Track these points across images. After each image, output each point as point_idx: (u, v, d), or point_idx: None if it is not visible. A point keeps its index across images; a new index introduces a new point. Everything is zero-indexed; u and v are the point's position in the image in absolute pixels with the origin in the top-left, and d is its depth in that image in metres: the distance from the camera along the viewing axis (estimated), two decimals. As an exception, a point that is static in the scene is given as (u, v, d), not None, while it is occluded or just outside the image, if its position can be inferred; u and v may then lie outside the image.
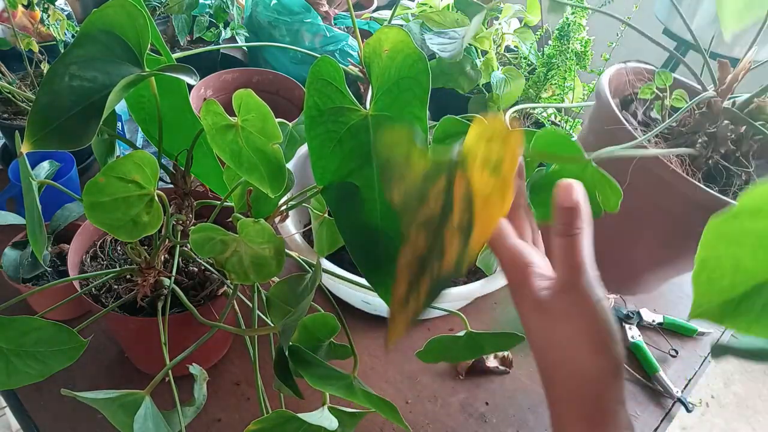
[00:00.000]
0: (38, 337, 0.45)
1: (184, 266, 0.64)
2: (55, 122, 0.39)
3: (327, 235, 0.66)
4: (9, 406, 0.68)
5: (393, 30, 0.42)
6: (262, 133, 0.45)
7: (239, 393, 0.71)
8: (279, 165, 0.46)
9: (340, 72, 0.45)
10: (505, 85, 0.95)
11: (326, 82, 0.44)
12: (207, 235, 0.47)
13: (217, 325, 0.53)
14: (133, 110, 0.55)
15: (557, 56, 0.95)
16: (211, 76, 0.99)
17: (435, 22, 0.92)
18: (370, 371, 0.76)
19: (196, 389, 0.54)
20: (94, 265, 0.66)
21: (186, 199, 0.56)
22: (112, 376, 0.71)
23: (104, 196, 0.43)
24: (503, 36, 1.06)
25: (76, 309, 0.75)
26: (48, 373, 0.45)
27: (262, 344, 0.58)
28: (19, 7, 0.96)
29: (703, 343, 0.88)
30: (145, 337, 0.62)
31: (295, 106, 1.01)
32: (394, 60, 0.43)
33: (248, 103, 0.44)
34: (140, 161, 0.43)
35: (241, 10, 1.19)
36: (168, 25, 1.14)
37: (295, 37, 1.13)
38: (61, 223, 0.73)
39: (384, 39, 0.43)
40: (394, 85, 0.44)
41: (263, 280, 0.49)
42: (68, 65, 0.40)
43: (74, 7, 1.17)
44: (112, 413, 0.44)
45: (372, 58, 0.44)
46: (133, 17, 0.42)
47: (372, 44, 0.43)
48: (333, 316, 0.53)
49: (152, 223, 0.46)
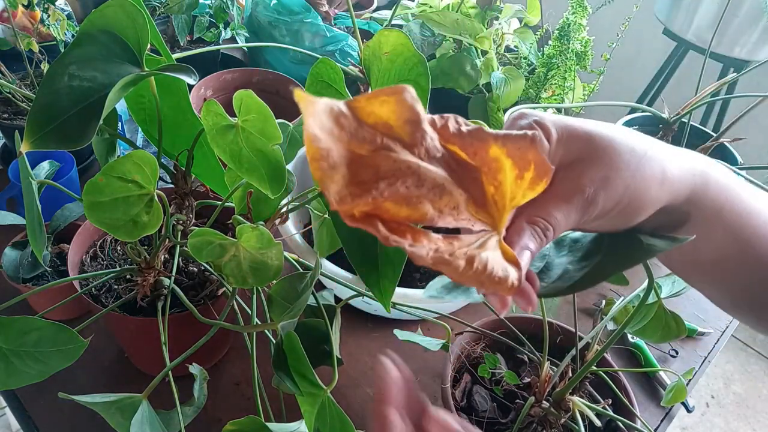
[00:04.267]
0: (38, 337, 0.45)
1: (184, 266, 0.64)
2: (54, 122, 0.39)
3: (327, 235, 0.66)
4: (9, 406, 0.68)
5: (393, 33, 0.43)
6: (262, 133, 0.45)
7: (239, 393, 0.71)
8: (279, 166, 0.46)
9: (339, 74, 0.45)
10: (505, 85, 0.95)
11: (326, 84, 0.45)
12: (205, 240, 0.47)
13: (217, 323, 0.53)
14: (133, 111, 0.55)
15: (557, 56, 0.95)
16: (211, 76, 0.99)
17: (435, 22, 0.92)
18: (370, 371, 0.76)
19: (196, 389, 0.54)
20: (94, 265, 0.66)
21: (186, 199, 0.56)
22: (112, 376, 0.71)
23: (104, 196, 0.43)
24: (503, 36, 1.06)
25: (76, 309, 0.75)
26: (48, 373, 0.45)
27: (262, 344, 0.58)
28: (19, 7, 0.96)
29: (704, 343, 0.88)
30: (145, 337, 0.62)
31: (295, 106, 1.00)
32: (393, 63, 0.43)
33: (248, 104, 0.44)
34: (140, 161, 0.43)
35: (241, 10, 1.19)
36: (168, 25, 1.13)
37: (295, 37, 1.13)
38: (61, 223, 0.73)
39: (384, 42, 0.43)
40: (394, 87, 0.44)
41: (261, 285, 0.49)
42: (68, 65, 0.40)
43: (74, 7, 1.17)
44: (111, 416, 0.44)
45: (372, 61, 0.44)
46: (133, 17, 0.42)
47: (372, 47, 0.43)
48: (324, 322, 0.53)
49: (152, 223, 0.46)
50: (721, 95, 1.38)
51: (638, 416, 0.62)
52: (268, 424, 0.47)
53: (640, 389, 0.79)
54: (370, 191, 0.25)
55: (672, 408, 0.77)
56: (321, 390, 0.48)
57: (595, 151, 0.32)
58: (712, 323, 0.90)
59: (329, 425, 0.47)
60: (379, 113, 0.26)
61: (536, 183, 0.29)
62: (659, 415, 0.76)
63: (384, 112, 0.26)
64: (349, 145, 0.25)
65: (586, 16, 0.93)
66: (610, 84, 1.41)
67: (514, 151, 0.28)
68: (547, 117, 0.32)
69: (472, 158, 0.28)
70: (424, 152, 0.27)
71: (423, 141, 0.27)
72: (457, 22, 0.94)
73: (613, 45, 0.96)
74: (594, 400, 0.65)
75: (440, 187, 0.27)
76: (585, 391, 0.65)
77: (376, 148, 0.25)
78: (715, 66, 1.63)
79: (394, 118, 0.26)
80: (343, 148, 0.25)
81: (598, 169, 0.31)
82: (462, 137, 0.28)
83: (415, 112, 0.26)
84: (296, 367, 0.48)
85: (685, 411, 0.77)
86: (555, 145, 0.32)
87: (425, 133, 0.27)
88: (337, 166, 0.24)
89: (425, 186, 0.26)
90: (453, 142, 0.28)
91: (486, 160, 0.28)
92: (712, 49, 1.01)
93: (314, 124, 0.24)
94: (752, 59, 1.58)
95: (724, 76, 1.62)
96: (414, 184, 0.26)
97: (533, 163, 0.29)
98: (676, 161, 0.33)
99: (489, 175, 0.28)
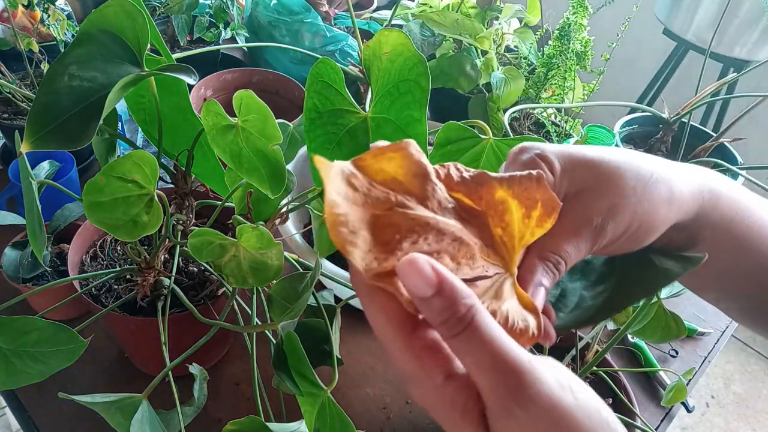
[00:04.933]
0: (38, 337, 0.45)
1: (184, 266, 0.64)
2: (54, 122, 0.39)
3: (327, 235, 0.66)
4: (9, 406, 0.68)
5: (393, 33, 0.43)
6: (262, 133, 0.45)
7: (239, 393, 0.71)
8: (279, 166, 0.46)
9: (339, 74, 0.45)
10: (505, 85, 0.95)
11: (326, 84, 0.45)
12: (206, 240, 0.47)
13: (217, 323, 0.53)
14: (133, 111, 0.55)
15: (557, 56, 0.95)
16: (211, 76, 0.99)
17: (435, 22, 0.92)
18: (370, 371, 0.76)
19: (196, 389, 0.54)
20: (94, 265, 0.66)
21: (186, 199, 0.56)
22: (112, 376, 0.71)
23: (104, 196, 0.43)
24: (503, 36, 1.06)
25: (76, 309, 0.75)
26: (48, 373, 0.45)
27: (262, 344, 0.58)
28: (19, 7, 0.96)
29: (704, 343, 0.88)
30: (145, 337, 0.62)
31: (295, 106, 1.01)
32: (393, 63, 0.43)
33: (248, 104, 0.44)
34: (140, 161, 0.43)
35: (241, 11, 1.19)
36: (168, 25, 1.13)
37: (295, 37, 1.13)
38: (61, 223, 0.73)
39: (384, 42, 0.43)
40: (394, 88, 0.44)
41: (261, 285, 0.49)
42: (68, 65, 0.40)
43: (74, 7, 1.17)
44: (111, 416, 0.44)
45: (372, 61, 0.44)
46: (133, 17, 0.42)
47: (372, 47, 0.43)
48: (324, 322, 0.53)
49: (152, 223, 0.46)
50: (721, 95, 1.38)
51: (639, 415, 0.62)
52: (268, 424, 0.47)
53: (640, 389, 0.79)
54: (395, 252, 0.24)
55: (672, 408, 0.77)
56: (321, 390, 0.48)
57: (601, 179, 0.32)
58: (712, 323, 0.90)
59: (329, 425, 0.47)
60: (387, 170, 0.26)
61: (544, 220, 0.29)
62: (659, 415, 0.76)
63: (392, 168, 0.26)
64: (365, 206, 0.24)
65: (586, 16, 0.93)
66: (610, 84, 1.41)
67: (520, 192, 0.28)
68: (549, 148, 0.32)
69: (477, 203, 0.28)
70: (437, 205, 0.26)
71: (434, 194, 0.26)
72: (457, 22, 0.94)
73: (613, 45, 0.96)
74: (594, 400, 0.65)
75: (459, 240, 0.26)
76: (585, 391, 0.65)
77: (391, 206, 0.25)
78: (715, 66, 1.63)
79: (402, 173, 0.26)
80: (360, 210, 0.24)
81: (604, 198, 0.31)
82: (466, 184, 0.28)
83: (421, 166, 0.26)
84: (296, 367, 0.48)
85: (685, 411, 0.77)
86: (559, 177, 0.32)
87: (435, 185, 0.27)
88: (357, 231, 0.24)
89: (445, 240, 0.26)
90: (457, 189, 0.27)
91: (492, 203, 0.28)
92: (712, 49, 1.00)
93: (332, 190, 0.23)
94: (752, 59, 1.58)
95: (724, 76, 1.62)
96: (435, 240, 0.26)
97: (540, 202, 0.29)
98: (682, 179, 0.33)
99: (496, 217, 0.28)
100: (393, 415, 0.71)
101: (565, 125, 1.01)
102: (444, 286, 0.23)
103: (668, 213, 0.33)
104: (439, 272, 0.23)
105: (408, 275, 0.23)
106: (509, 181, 0.28)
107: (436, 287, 0.23)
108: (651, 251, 0.35)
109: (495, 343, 0.23)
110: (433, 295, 0.23)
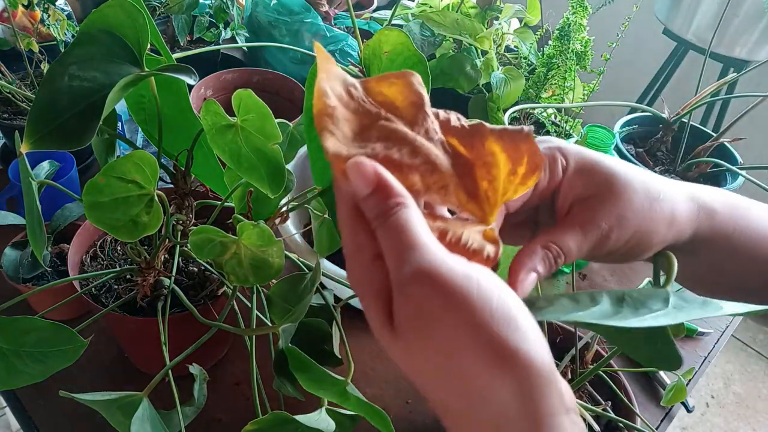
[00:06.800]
0: (38, 337, 0.45)
1: (184, 266, 0.64)
2: (54, 122, 0.39)
3: (327, 235, 0.66)
4: (9, 406, 0.68)
5: (393, 32, 0.43)
6: (261, 133, 0.45)
7: (239, 393, 0.71)
8: (278, 165, 0.46)
9: (339, 73, 0.44)
10: (505, 85, 0.95)
11: (326, 82, 0.44)
12: (206, 237, 0.47)
13: (217, 324, 0.53)
14: (133, 111, 0.55)
15: (557, 56, 0.95)
16: (211, 76, 0.99)
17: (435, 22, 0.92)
18: (370, 371, 0.76)
19: (196, 389, 0.54)
20: (94, 265, 0.66)
21: (186, 199, 0.56)
22: (112, 376, 0.71)
23: (104, 196, 0.43)
24: (503, 36, 1.06)
25: (76, 309, 0.75)
26: (48, 373, 0.45)
27: (262, 344, 0.58)
28: (19, 7, 0.96)
29: (704, 343, 0.88)
30: (145, 337, 0.62)
31: (295, 106, 1.01)
32: (393, 62, 0.43)
33: (248, 103, 0.44)
34: (140, 161, 0.43)
35: (241, 10, 1.19)
36: (168, 25, 1.13)
37: (295, 37, 1.13)
38: (61, 223, 0.73)
39: (384, 41, 0.43)
40: (394, 87, 0.44)
41: (262, 283, 0.49)
42: (68, 65, 0.40)
43: (74, 7, 1.17)
44: (111, 415, 0.44)
45: (372, 60, 0.44)
46: (133, 17, 0.42)
47: (372, 46, 0.43)
48: (324, 322, 0.53)
49: (152, 223, 0.46)
50: (721, 95, 1.38)
51: (639, 415, 0.62)
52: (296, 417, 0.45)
53: (640, 389, 0.79)
54: (365, 147, 0.27)
55: (672, 408, 0.77)
56: (342, 381, 0.48)
57: (613, 189, 0.33)
58: (712, 323, 0.90)
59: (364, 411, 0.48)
60: (387, 93, 0.28)
61: (528, 177, 0.30)
62: (659, 415, 0.76)
63: (391, 93, 0.28)
64: (355, 113, 0.27)
65: (586, 16, 0.93)
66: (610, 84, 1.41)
67: (509, 145, 0.29)
68: (571, 146, 0.34)
69: (468, 151, 0.29)
70: (424, 132, 0.28)
71: (424, 123, 0.28)
72: (457, 22, 0.94)
73: (613, 45, 0.96)
74: (594, 400, 0.65)
75: (432, 164, 0.28)
76: (585, 391, 0.65)
77: (378, 118, 0.27)
78: (715, 66, 1.63)
79: (401, 99, 0.28)
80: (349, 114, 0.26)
81: (615, 207, 0.33)
82: (462, 131, 0.29)
83: (419, 96, 0.28)
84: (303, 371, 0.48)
85: (685, 411, 0.77)
86: (573, 174, 0.34)
87: (427, 116, 0.28)
88: (340, 124, 0.26)
89: (418, 158, 0.28)
90: (452, 134, 0.29)
91: (481, 153, 0.29)
92: (712, 49, 1.01)
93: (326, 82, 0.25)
94: (752, 59, 1.58)
95: (724, 76, 1.62)
96: (408, 154, 0.27)
97: (526, 155, 0.30)
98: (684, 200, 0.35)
99: (483, 169, 0.29)
100: (393, 415, 0.71)
101: (565, 125, 1.01)
102: (380, 185, 0.26)
103: (666, 234, 0.35)
104: (380, 175, 0.26)
105: (352, 175, 0.26)
106: (500, 133, 0.29)
107: (374, 187, 0.26)
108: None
109: (407, 233, 0.25)
110: (370, 193, 0.26)
